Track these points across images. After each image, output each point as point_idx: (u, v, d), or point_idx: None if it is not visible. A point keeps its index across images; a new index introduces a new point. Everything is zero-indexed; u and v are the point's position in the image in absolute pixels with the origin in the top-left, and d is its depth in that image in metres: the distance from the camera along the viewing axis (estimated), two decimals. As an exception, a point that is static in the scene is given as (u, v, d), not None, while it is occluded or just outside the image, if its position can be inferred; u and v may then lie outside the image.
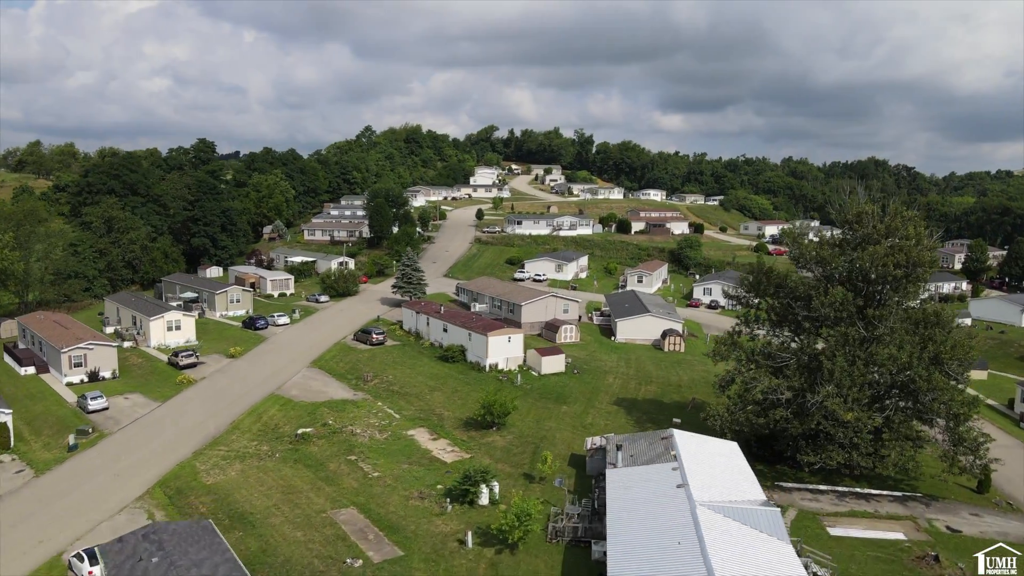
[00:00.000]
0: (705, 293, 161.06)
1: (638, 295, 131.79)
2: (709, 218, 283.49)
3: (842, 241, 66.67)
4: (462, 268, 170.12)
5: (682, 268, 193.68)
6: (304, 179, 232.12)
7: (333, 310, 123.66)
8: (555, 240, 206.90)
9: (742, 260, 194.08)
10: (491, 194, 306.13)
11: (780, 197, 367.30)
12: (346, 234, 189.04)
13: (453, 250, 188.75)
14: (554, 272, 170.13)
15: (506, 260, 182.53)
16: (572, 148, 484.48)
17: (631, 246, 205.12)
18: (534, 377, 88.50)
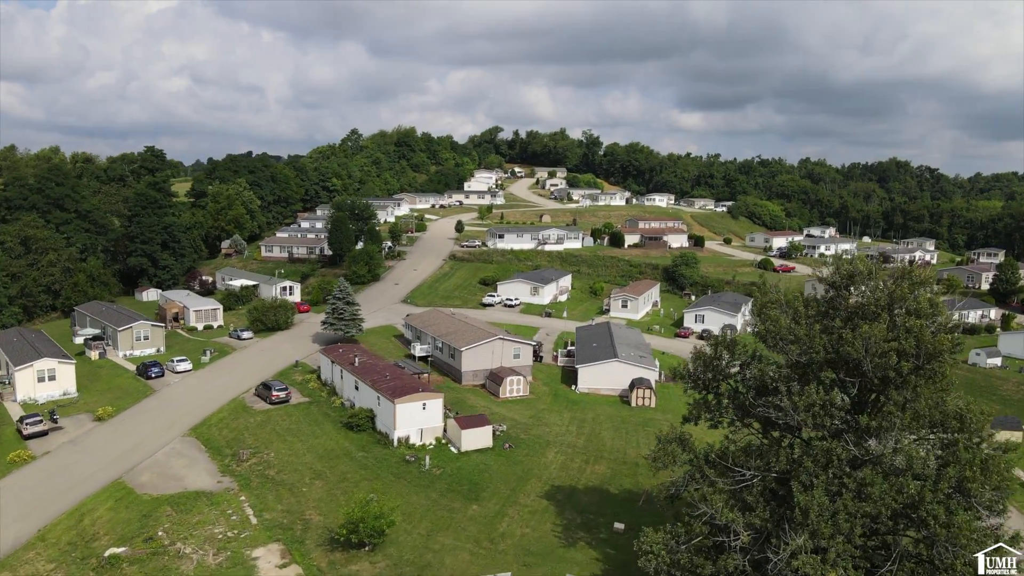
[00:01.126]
0: (697, 321, 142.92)
1: (612, 330, 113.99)
2: (714, 227, 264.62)
3: (827, 310, 48.65)
4: (426, 292, 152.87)
5: (677, 288, 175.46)
6: (275, 187, 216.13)
7: (253, 350, 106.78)
8: (539, 256, 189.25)
9: (743, 278, 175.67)
10: (484, 201, 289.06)
11: (794, 202, 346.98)
12: (305, 251, 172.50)
13: (423, 269, 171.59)
14: (529, 296, 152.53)
15: (480, 280, 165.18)
16: (578, 150, 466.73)
17: (622, 262, 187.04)
18: (451, 456, 70.99)
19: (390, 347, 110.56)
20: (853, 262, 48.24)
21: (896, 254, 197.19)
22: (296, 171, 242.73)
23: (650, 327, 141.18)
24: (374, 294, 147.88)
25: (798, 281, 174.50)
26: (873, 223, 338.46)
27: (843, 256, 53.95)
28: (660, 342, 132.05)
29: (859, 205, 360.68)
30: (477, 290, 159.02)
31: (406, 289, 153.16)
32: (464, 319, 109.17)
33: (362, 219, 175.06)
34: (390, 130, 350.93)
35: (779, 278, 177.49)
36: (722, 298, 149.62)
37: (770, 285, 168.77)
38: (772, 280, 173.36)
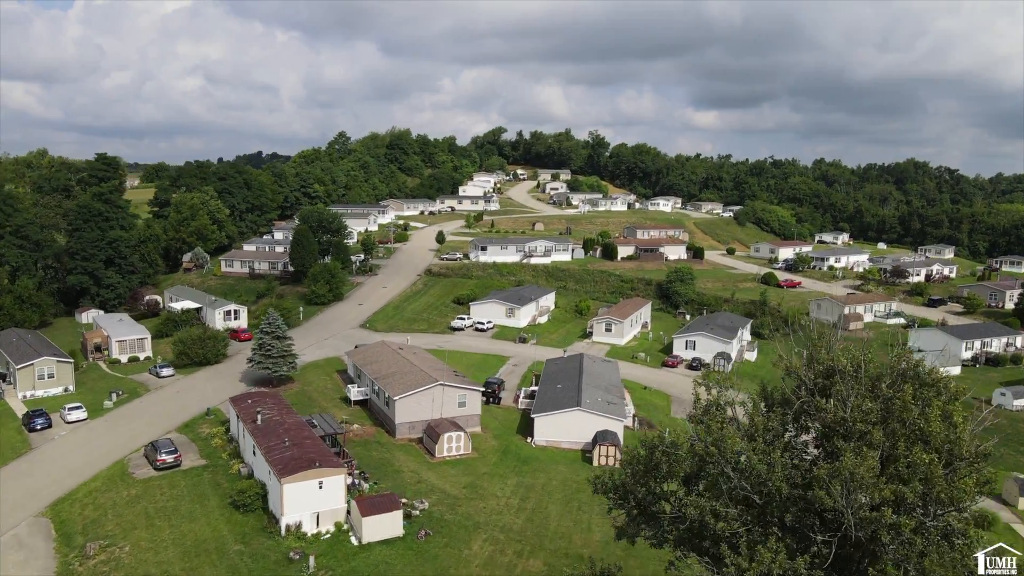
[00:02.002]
0: (687, 347, 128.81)
1: (583, 365, 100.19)
2: (719, 234, 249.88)
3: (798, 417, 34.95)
4: (390, 314, 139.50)
5: (671, 306, 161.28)
6: (248, 195, 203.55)
7: (168, 392, 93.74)
8: (524, 270, 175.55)
9: (743, 296, 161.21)
10: (478, 207, 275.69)
11: (805, 207, 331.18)
12: (267, 266, 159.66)
13: (393, 286, 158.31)
14: (504, 318, 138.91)
15: (454, 299, 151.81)
16: (584, 151, 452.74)
17: (613, 277, 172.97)
18: (350, 550, 57.46)
19: (329, 387, 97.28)
20: (833, 352, 34.53)
21: (911, 267, 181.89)
22: (275, 177, 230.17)
23: (635, 355, 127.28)
24: (331, 317, 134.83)
25: (803, 299, 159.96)
26: (888, 228, 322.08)
27: (829, 335, 40.34)
28: (644, 373, 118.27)
29: (874, 209, 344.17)
30: (449, 311, 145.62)
31: (370, 310, 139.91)
32: (412, 355, 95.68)
33: (330, 231, 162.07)
34: (383, 132, 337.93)
35: (781, 296, 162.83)
36: (717, 320, 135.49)
37: (770, 306, 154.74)
38: (774, 299, 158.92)
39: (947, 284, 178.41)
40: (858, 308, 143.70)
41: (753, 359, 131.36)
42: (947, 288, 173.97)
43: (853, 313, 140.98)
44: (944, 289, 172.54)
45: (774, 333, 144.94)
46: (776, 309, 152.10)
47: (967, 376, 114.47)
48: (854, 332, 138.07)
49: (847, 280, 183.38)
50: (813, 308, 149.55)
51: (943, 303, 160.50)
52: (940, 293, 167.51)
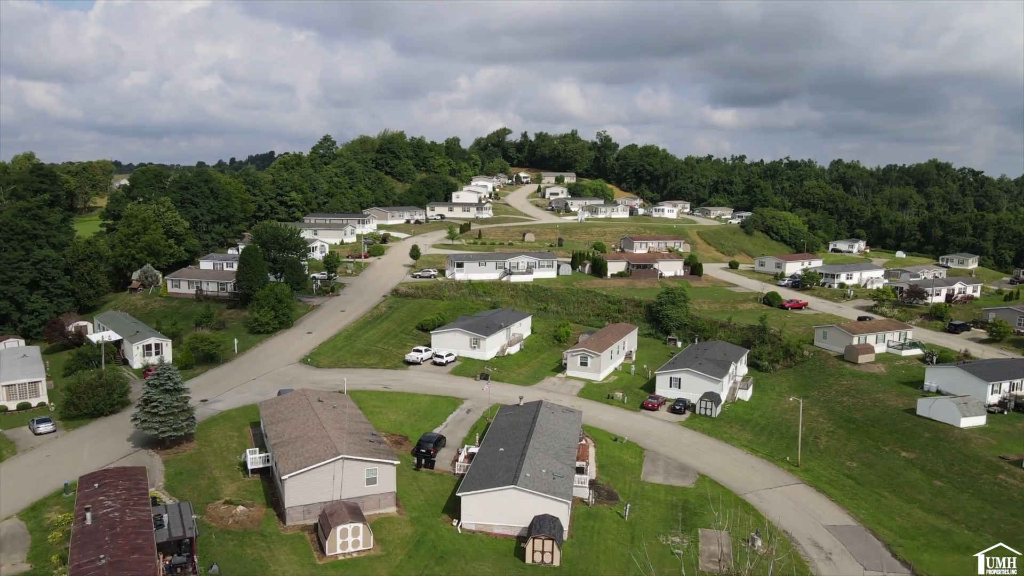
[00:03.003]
0: (672, 385, 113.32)
1: (538, 418, 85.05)
2: (724, 244, 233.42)
3: None
4: (339, 345, 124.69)
5: (661, 331, 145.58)
6: (215, 205, 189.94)
7: (36, 455, 79.30)
8: (502, 289, 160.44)
9: (742, 319, 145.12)
10: (469, 214, 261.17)
11: (819, 212, 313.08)
12: (216, 287, 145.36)
13: (353, 310, 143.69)
14: (468, 349, 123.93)
15: (418, 325, 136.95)
16: (590, 153, 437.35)
17: (600, 298, 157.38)
18: None
19: (234, 447, 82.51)
20: None
21: (930, 286, 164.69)
22: (247, 184, 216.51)
23: (611, 394, 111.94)
24: (272, 349, 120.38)
25: (808, 324, 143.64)
26: (908, 235, 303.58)
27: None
28: (618, 418, 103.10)
29: (893, 215, 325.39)
30: (410, 339, 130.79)
31: (317, 341, 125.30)
32: (329, 410, 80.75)
33: (285, 249, 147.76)
34: (376, 135, 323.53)
35: (784, 321, 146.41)
36: (708, 352, 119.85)
37: (770, 332, 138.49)
38: (776, 323, 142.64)
39: (970, 305, 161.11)
40: (868, 337, 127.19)
41: (747, 398, 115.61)
42: (970, 310, 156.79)
43: (862, 344, 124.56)
44: (967, 312, 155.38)
45: (774, 365, 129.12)
46: (777, 336, 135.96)
47: (993, 427, 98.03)
48: (863, 366, 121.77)
49: (859, 300, 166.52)
50: (818, 336, 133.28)
51: (966, 328, 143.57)
52: (962, 317, 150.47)
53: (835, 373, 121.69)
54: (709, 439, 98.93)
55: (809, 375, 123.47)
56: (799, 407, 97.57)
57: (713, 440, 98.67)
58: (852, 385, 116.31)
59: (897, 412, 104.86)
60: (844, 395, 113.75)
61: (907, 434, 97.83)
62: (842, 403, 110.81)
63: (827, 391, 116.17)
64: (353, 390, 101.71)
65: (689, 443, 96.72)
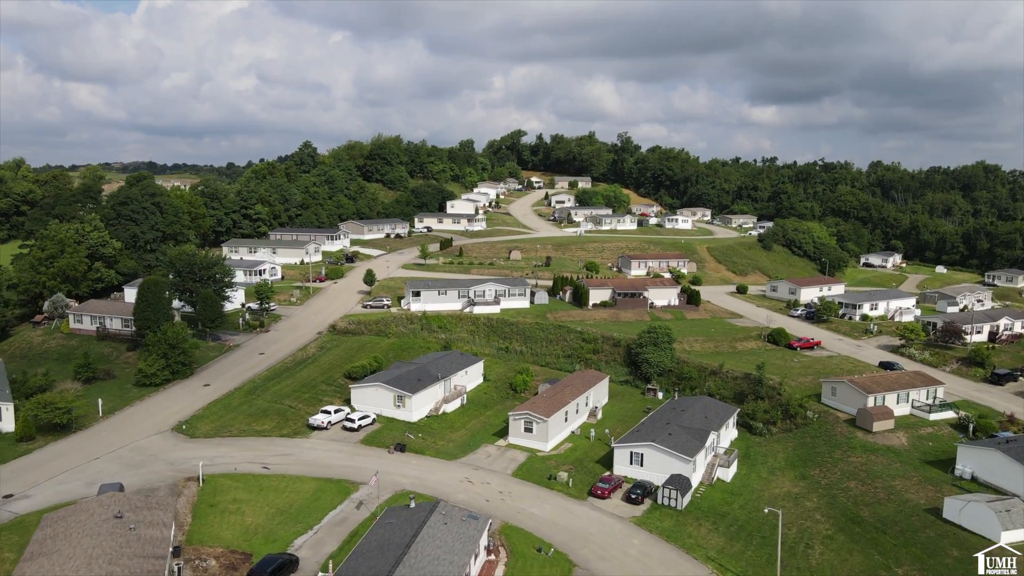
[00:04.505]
0: (632, 462, 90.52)
1: (419, 540, 62.87)
2: (736, 263, 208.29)
3: None
4: (235, 404, 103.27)
5: (640, 378, 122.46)
6: (159, 221, 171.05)
7: None
8: (462, 324, 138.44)
9: (738, 364, 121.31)
10: (459, 226, 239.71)
11: (850, 222, 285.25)
12: (120, 323, 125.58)
13: (276, 350, 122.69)
14: (392, 407, 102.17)
15: (346, 373, 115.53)
16: (608, 155, 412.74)
17: (573, 335, 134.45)
18: None
19: (3, 575, 61.85)
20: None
21: (969, 322, 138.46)
22: (206, 197, 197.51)
23: (554, 474, 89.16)
24: (147, 410, 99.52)
25: (817, 372, 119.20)
26: (950, 247, 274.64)
27: None
28: (554, 511, 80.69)
29: (934, 225, 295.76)
30: (329, 393, 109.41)
31: (210, 396, 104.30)
32: (119, 535, 59.49)
33: (201, 280, 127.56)
34: (368, 141, 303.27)
35: (788, 367, 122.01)
36: (687, 413, 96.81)
37: (768, 384, 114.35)
38: (778, 370, 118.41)
39: (1018, 346, 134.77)
40: (887, 398, 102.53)
41: (729, 477, 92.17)
42: (1018, 352, 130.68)
43: (879, 409, 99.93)
44: (1014, 354, 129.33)
45: (769, 428, 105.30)
46: (776, 389, 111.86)
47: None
48: (879, 436, 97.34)
49: (884, 337, 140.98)
50: (826, 392, 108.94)
51: (1012, 379, 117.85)
52: (1008, 362, 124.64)
53: (843, 444, 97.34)
54: (667, 547, 75.85)
55: (811, 445, 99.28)
56: (779, 519, 73.79)
57: (671, 549, 75.56)
58: (863, 465, 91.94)
59: (918, 512, 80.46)
60: (851, 478, 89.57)
61: (929, 549, 73.42)
62: (848, 491, 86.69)
63: (831, 471, 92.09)
64: (217, 474, 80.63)
65: (638, 554, 73.73)
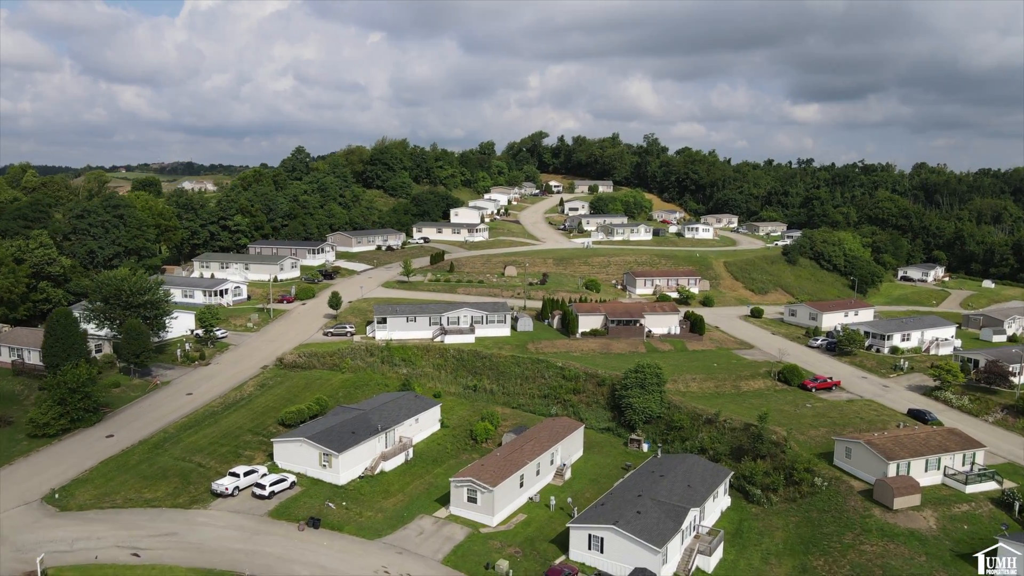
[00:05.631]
0: (592, 547, 73.72)
1: None
2: (755, 280, 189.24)
3: None
4: (135, 461, 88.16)
5: (624, 426, 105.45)
6: (121, 235, 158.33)
7: None
8: (427, 356, 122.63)
9: (737, 412, 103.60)
10: (460, 236, 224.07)
11: (886, 232, 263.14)
12: (39, 356, 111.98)
13: (208, 389, 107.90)
14: (316, 466, 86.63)
15: (280, 419, 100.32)
16: (633, 158, 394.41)
17: (553, 371, 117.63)
18: None
19: None
20: None
21: (1018, 363, 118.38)
22: (179, 208, 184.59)
23: (493, 562, 72.66)
24: (25, 471, 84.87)
25: (832, 421, 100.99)
26: (998, 259, 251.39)
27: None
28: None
29: (980, 234, 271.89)
30: (253, 445, 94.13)
31: (113, 449, 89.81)
32: None
33: (130, 308, 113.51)
34: (370, 146, 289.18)
35: (799, 415, 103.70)
36: (667, 480, 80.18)
37: (771, 439, 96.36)
38: (785, 418, 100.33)
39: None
40: (914, 464, 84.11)
41: (711, 567, 74.96)
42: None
43: (902, 480, 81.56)
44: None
45: (769, 496, 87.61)
46: (780, 446, 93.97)
47: None
48: (901, 515, 79.09)
49: (916, 376, 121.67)
50: (839, 452, 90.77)
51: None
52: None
53: (856, 524, 79.18)
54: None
55: (817, 523, 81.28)
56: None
57: None
58: (879, 556, 73.81)
59: (944, 635, 62.72)
60: (863, 572, 71.69)
61: None
62: (856, 596, 68.87)
63: (838, 562, 74.16)
64: (68, 566, 65.73)
65: None
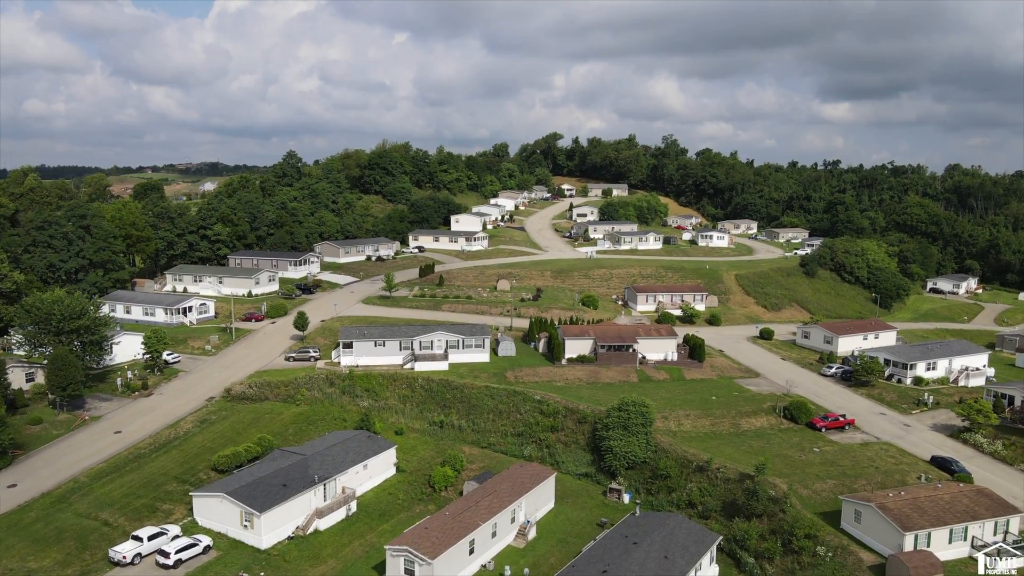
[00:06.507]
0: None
1: None
2: (769, 295, 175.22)
3: None
4: (32, 519, 76.78)
5: (604, 472, 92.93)
6: (86, 246, 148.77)
7: None
8: (393, 386, 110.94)
9: (734, 457, 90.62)
10: (457, 245, 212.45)
11: (915, 240, 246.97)
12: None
13: (141, 426, 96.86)
14: (238, 526, 75.19)
15: (213, 465, 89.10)
16: (651, 160, 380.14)
17: (529, 404, 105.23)
18: None
19: None
20: None
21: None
22: (155, 217, 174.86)
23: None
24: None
25: (841, 469, 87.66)
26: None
27: None
28: None
29: (1019, 241, 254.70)
30: (175, 496, 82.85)
31: (18, 499, 78.87)
32: None
33: (63, 334, 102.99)
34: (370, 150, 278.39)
35: (800, 466, 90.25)
36: (641, 549, 69.51)
37: (768, 495, 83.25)
38: (789, 466, 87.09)
39: None
40: (935, 535, 70.57)
41: (687, 664, 62.22)
42: None
43: (921, 556, 68.10)
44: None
45: (763, 565, 74.67)
46: (779, 503, 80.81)
47: None
48: (919, 601, 65.64)
49: (942, 413, 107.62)
50: (846, 514, 77.47)
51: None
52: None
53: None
54: None
55: (817, 606, 68.22)
56: None
57: None
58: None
59: None
60: None
61: None
62: None
63: (839, 663, 61.13)
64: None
65: None
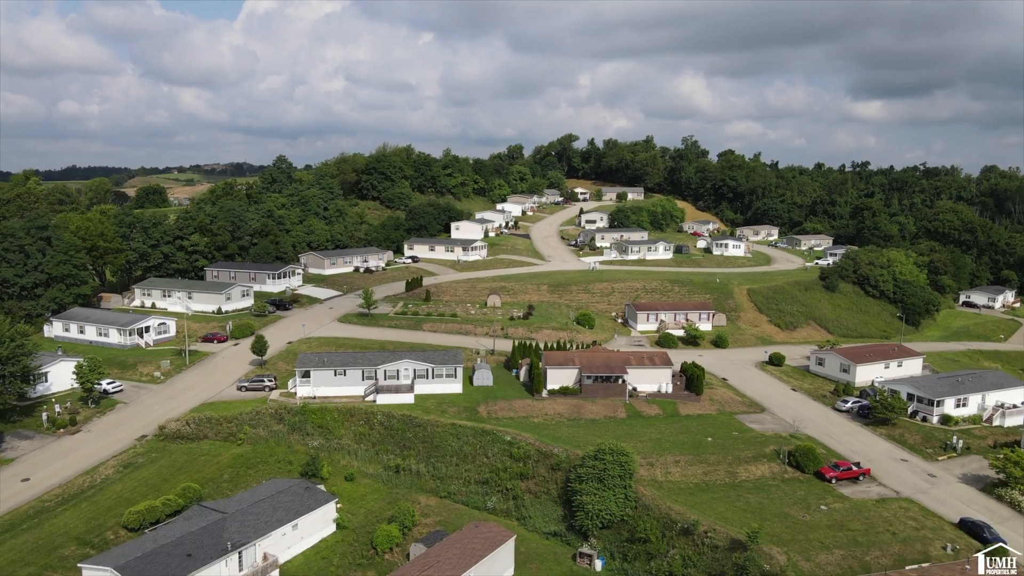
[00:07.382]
0: None
1: None
2: (784, 313, 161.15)
3: None
4: None
5: (577, 532, 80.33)
6: (45, 261, 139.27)
7: None
8: (349, 422, 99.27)
9: (726, 516, 77.47)
10: (453, 255, 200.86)
11: (945, 249, 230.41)
12: None
13: (55, 472, 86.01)
14: (125, 610, 63.73)
15: (124, 523, 77.82)
16: (665, 163, 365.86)
17: (499, 446, 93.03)
18: None
19: None
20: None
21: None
22: (124, 227, 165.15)
23: None
24: None
25: (851, 534, 74.31)
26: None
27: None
28: None
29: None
30: (72, 563, 71.86)
31: None
32: None
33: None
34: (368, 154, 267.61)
35: (804, 529, 76.83)
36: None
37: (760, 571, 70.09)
38: (791, 530, 73.86)
39: None
40: (961, 637, 57.10)
41: None
42: None
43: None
44: None
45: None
46: (777, 582, 67.65)
47: None
48: None
49: (974, 458, 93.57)
50: (856, 602, 64.02)
51: None
52: None
53: None
54: None
55: None
56: None
57: None
58: None
59: None
60: None
61: None
62: None
63: None
64: None
65: None
